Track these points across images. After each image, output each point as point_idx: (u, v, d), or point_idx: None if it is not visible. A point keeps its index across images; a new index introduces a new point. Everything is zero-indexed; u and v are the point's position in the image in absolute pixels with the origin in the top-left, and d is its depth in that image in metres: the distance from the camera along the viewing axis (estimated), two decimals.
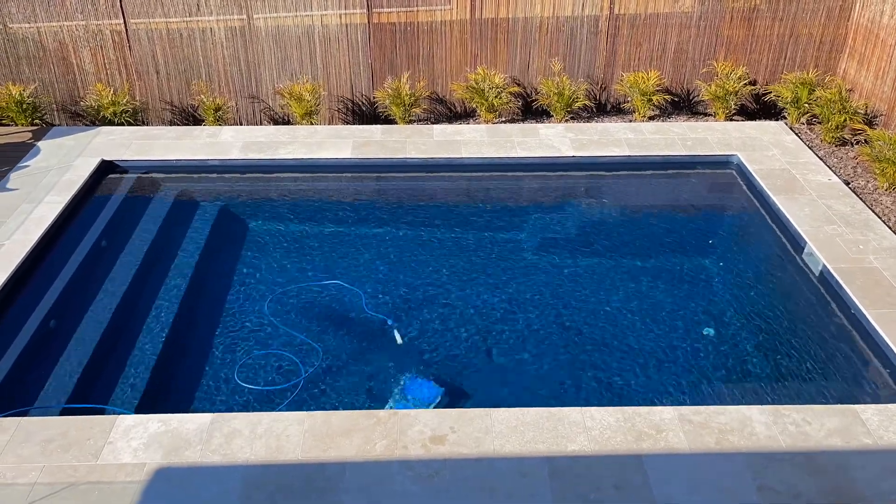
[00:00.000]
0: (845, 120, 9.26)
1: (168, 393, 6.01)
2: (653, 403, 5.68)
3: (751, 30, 10.14)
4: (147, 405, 5.67)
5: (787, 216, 7.66)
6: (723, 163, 9.07)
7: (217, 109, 9.95)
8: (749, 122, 9.92)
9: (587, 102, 10.34)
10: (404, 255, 7.71)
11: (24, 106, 9.82)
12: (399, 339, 6.32)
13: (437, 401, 5.64)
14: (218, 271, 7.47)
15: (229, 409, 5.65)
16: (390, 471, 4.76)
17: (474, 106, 10.25)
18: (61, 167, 8.62)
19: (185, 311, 6.79)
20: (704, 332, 6.54)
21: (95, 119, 10.05)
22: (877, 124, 9.39)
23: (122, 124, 9.95)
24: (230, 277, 7.33)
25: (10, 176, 8.43)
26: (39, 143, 9.22)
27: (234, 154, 9.07)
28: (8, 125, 9.93)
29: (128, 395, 5.81)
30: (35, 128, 9.81)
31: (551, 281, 7.23)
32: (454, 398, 5.75)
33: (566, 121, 10.20)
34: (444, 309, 6.79)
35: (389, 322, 6.50)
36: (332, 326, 6.59)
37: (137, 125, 10.10)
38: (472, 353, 6.29)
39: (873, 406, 5.30)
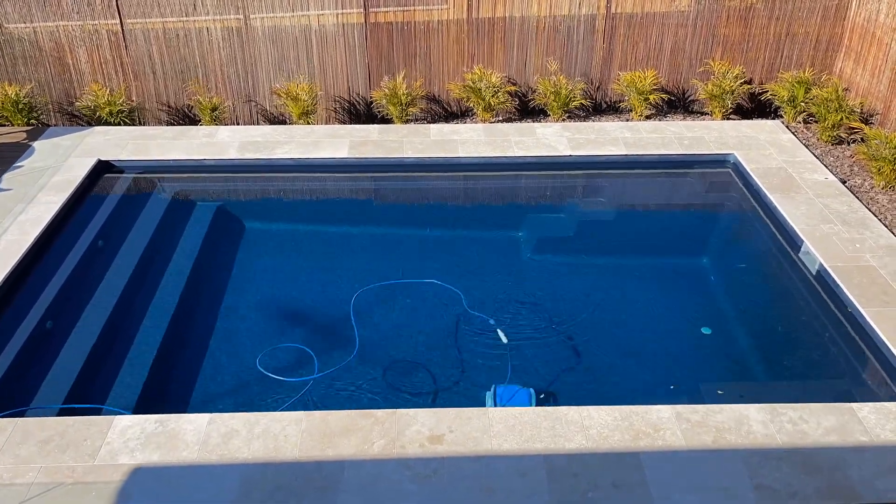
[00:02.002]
0: (841, 119, 9.27)
1: (165, 393, 6.00)
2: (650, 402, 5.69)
3: (747, 29, 10.15)
4: (144, 405, 5.66)
5: (784, 215, 7.67)
6: (720, 161, 9.08)
7: (213, 109, 9.94)
8: (745, 121, 9.94)
9: (584, 101, 10.35)
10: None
11: (20, 106, 9.79)
12: (504, 339, 6.24)
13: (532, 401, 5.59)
14: (215, 271, 7.46)
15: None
16: (388, 470, 4.76)
17: (471, 105, 10.25)
18: (57, 167, 8.60)
19: (181, 312, 6.77)
20: (703, 331, 6.55)
21: (91, 119, 10.03)
22: (873, 123, 9.41)
23: (119, 124, 9.93)
24: (227, 277, 7.32)
25: (5, 176, 8.40)
26: (35, 143, 9.21)
27: (231, 154, 9.06)
28: (4, 125, 9.91)
29: (125, 396, 5.81)
30: (30, 128, 9.79)
31: (548, 280, 7.24)
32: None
33: (563, 120, 10.21)
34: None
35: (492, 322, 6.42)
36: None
37: (134, 125, 10.09)
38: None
39: (870, 404, 5.31)
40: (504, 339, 6.22)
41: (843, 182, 8.37)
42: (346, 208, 8.92)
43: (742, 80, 10.08)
